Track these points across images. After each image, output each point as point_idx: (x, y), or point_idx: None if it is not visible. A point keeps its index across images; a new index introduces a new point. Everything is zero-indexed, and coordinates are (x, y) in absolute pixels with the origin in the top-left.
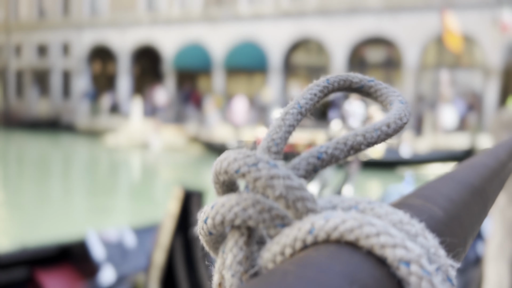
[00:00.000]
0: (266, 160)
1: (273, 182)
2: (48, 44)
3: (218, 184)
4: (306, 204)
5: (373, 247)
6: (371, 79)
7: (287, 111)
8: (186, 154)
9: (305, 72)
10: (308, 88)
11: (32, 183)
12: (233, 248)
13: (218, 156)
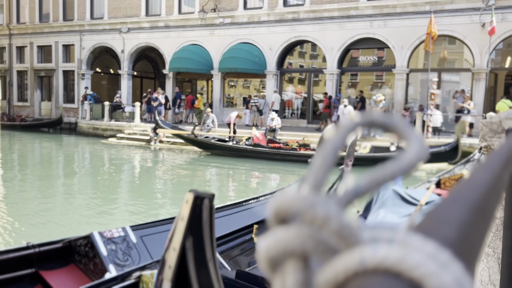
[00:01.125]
0: (322, 202)
1: (329, 222)
2: (50, 46)
3: (274, 218)
4: (355, 237)
5: (415, 278)
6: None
7: (327, 151)
8: (185, 153)
9: (300, 75)
10: (341, 128)
11: (37, 182)
12: (292, 273)
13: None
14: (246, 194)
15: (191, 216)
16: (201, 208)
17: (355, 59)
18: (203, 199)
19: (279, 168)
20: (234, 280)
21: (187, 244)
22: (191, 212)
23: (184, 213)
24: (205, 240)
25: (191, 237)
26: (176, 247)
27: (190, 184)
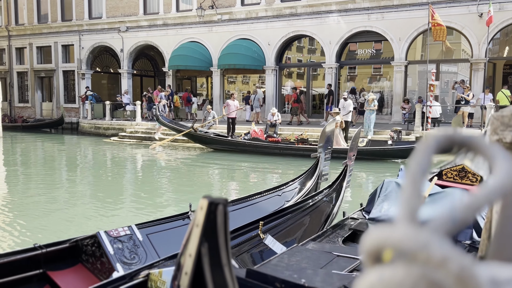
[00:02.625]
0: (437, 241)
1: (447, 263)
2: (50, 47)
3: (372, 255)
4: (475, 281)
5: None
6: (477, 139)
7: (415, 177)
8: (186, 150)
9: (299, 69)
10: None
11: (40, 183)
12: None
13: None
14: (248, 190)
15: (206, 222)
16: (216, 214)
17: (353, 52)
18: (217, 205)
19: (278, 163)
20: (245, 280)
21: (202, 250)
22: (206, 218)
23: (199, 219)
24: (220, 246)
25: (207, 243)
26: (192, 253)
27: (192, 180)
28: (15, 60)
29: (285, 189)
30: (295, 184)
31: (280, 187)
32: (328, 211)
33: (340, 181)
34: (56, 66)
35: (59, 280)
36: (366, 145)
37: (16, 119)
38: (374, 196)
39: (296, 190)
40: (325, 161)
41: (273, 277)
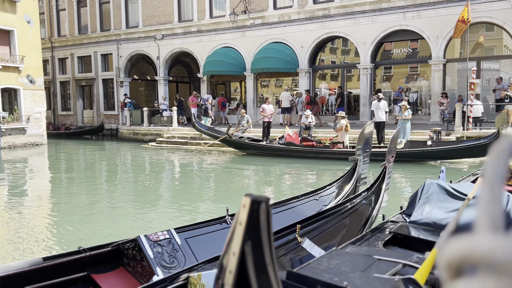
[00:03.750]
0: None
1: None
2: (90, 57)
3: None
4: None
5: None
6: None
7: (493, 183)
8: (222, 154)
9: (332, 71)
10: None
11: (83, 187)
12: None
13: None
14: (284, 194)
15: (249, 221)
16: (259, 212)
17: (389, 52)
18: (260, 203)
19: (313, 166)
20: (286, 282)
21: (246, 248)
22: (249, 216)
23: (242, 217)
24: (263, 245)
25: (250, 242)
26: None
27: (227, 184)
28: (58, 70)
29: (322, 193)
30: (332, 188)
31: (317, 191)
32: (367, 214)
33: (379, 184)
34: (96, 75)
35: (102, 282)
36: (405, 146)
37: (59, 127)
38: (414, 198)
39: (334, 194)
40: (364, 164)
41: (314, 279)
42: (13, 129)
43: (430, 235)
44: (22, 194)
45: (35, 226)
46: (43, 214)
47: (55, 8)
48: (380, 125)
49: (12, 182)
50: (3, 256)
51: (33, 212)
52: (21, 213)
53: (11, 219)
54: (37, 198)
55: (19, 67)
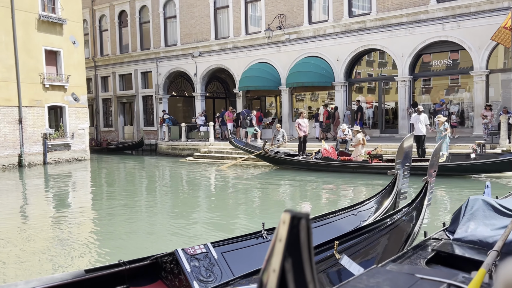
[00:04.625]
0: None
1: None
2: (130, 75)
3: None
4: None
5: None
6: None
7: None
8: (257, 168)
9: (369, 84)
10: None
11: (123, 201)
12: None
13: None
14: (321, 209)
15: (289, 237)
16: (299, 228)
17: (428, 63)
18: (300, 219)
19: (351, 181)
20: None
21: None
22: (289, 232)
23: (281, 234)
24: (304, 262)
25: (290, 259)
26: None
27: (263, 199)
28: (101, 88)
29: (360, 208)
30: (371, 203)
31: (355, 206)
32: (408, 230)
33: (421, 199)
34: (136, 92)
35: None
36: (447, 160)
37: (101, 143)
38: (458, 214)
39: (373, 209)
40: (404, 179)
41: None
42: (58, 145)
43: (476, 253)
44: (65, 208)
45: (77, 239)
46: (85, 227)
47: (98, 29)
48: (421, 138)
49: (56, 196)
50: (47, 268)
51: (75, 225)
52: (64, 226)
53: (55, 232)
54: (79, 211)
55: (65, 86)
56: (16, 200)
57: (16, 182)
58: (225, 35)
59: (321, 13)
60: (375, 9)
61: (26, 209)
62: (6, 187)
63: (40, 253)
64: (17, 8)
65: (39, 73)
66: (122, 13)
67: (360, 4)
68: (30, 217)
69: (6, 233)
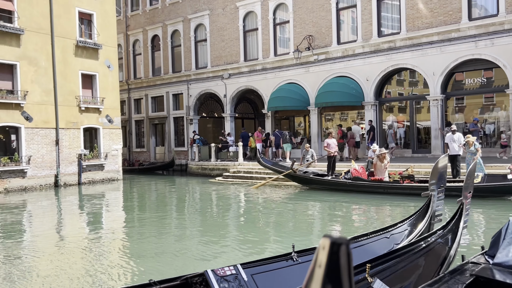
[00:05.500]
0: None
1: None
2: (162, 97)
3: None
4: None
5: None
6: None
7: None
8: (286, 188)
9: (400, 103)
10: None
11: (153, 220)
12: None
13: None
14: (352, 231)
15: (329, 263)
16: (339, 254)
17: (460, 82)
18: (340, 245)
19: (382, 202)
20: None
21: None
22: (329, 259)
23: (321, 260)
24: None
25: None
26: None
27: (292, 220)
28: (134, 110)
29: (393, 231)
30: (404, 225)
31: (388, 229)
32: (444, 254)
33: (456, 221)
34: (167, 114)
35: None
36: (482, 181)
37: (133, 163)
38: (498, 238)
39: (406, 232)
40: (438, 200)
41: None
42: (92, 165)
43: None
44: (98, 227)
45: (109, 258)
46: (117, 246)
47: (132, 53)
48: (455, 158)
49: (90, 216)
50: (80, 286)
51: (107, 245)
52: (97, 245)
53: (88, 251)
54: (111, 231)
55: (100, 108)
56: (52, 219)
57: (52, 201)
58: (254, 57)
59: (350, 33)
60: (405, 28)
61: (61, 228)
62: (43, 207)
63: (73, 271)
64: (56, 35)
65: (76, 96)
66: (155, 38)
67: (390, 24)
68: (64, 236)
69: (42, 251)
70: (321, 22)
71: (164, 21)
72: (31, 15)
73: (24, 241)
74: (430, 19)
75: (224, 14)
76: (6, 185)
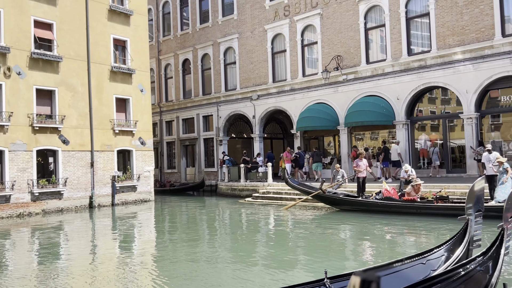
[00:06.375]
0: None
1: None
2: (193, 118)
3: None
4: None
5: None
6: None
7: None
8: (316, 210)
9: (432, 121)
10: None
11: (185, 242)
12: None
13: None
14: (384, 255)
15: None
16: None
17: (495, 99)
18: (370, 283)
19: (415, 224)
20: None
21: None
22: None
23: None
24: None
25: None
26: None
27: (322, 243)
28: (165, 132)
29: (429, 257)
30: (441, 251)
31: (423, 254)
32: (484, 282)
33: (497, 248)
34: (198, 135)
35: None
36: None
37: (165, 184)
38: None
39: (443, 258)
40: (476, 225)
41: None
42: (125, 187)
43: None
44: (130, 249)
45: (140, 280)
46: (149, 268)
47: (164, 77)
48: (493, 179)
49: (123, 237)
50: None
51: (140, 266)
52: (128, 267)
53: (120, 272)
54: (143, 252)
55: (133, 131)
56: (87, 240)
57: (87, 222)
58: (283, 78)
59: (379, 52)
60: (436, 46)
61: (95, 249)
62: (78, 228)
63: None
64: (92, 61)
65: (110, 120)
66: (186, 61)
67: (420, 42)
68: (98, 256)
69: (76, 270)
70: (349, 42)
71: (195, 45)
72: (69, 43)
73: (60, 261)
74: (461, 37)
75: (252, 37)
76: (44, 206)
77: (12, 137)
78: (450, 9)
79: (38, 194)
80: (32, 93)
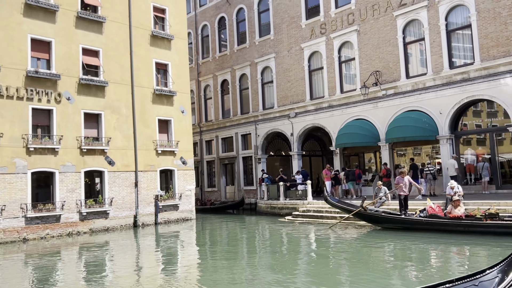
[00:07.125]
0: None
1: None
2: (231, 137)
3: None
4: None
5: None
6: None
7: None
8: (357, 228)
9: (478, 135)
10: None
11: (224, 261)
12: None
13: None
14: (431, 276)
15: None
16: None
17: None
18: None
19: (462, 243)
20: None
21: None
22: None
23: None
24: None
25: None
26: None
27: (366, 263)
28: (205, 151)
29: (482, 278)
30: (494, 272)
31: (475, 275)
32: None
33: None
34: (236, 154)
35: None
36: None
37: (205, 202)
38: None
39: (497, 280)
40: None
41: None
42: (168, 205)
43: None
44: (173, 267)
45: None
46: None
47: (203, 98)
48: None
49: (166, 256)
50: None
51: (179, 284)
52: (168, 284)
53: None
54: (184, 272)
55: (174, 151)
56: (132, 258)
57: (132, 241)
58: (320, 95)
59: (419, 66)
60: (479, 58)
61: (140, 268)
62: (124, 246)
63: None
64: (136, 85)
65: (153, 141)
66: (224, 82)
67: (462, 54)
68: (143, 274)
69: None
70: (388, 57)
71: (233, 66)
72: (114, 68)
73: (107, 278)
74: (506, 47)
75: (289, 56)
76: (91, 226)
77: (62, 159)
78: (493, 20)
79: (86, 213)
80: (80, 117)
